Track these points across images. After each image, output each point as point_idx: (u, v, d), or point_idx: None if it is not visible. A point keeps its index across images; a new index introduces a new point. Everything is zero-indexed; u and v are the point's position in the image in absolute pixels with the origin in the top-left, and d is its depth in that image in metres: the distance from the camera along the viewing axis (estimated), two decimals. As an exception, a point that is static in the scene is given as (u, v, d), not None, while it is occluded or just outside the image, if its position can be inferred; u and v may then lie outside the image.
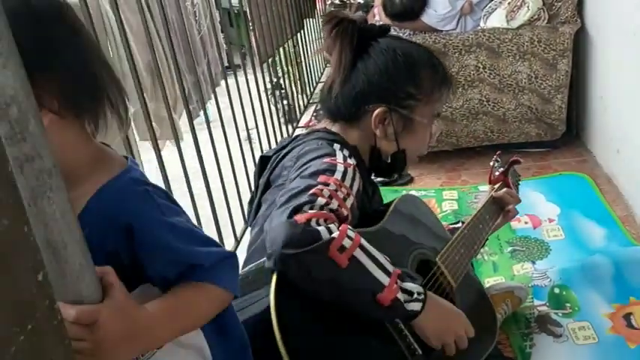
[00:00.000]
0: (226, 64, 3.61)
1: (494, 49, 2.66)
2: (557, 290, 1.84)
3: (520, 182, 1.76)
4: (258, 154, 2.64)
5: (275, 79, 4.17)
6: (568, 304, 1.78)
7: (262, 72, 3.31)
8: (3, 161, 0.43)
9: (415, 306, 1.02)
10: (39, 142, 0.50)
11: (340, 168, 1.11)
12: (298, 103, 3.97)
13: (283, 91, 4.59)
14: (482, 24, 2.80)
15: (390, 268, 1.01)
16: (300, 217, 0.95)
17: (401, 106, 1.25)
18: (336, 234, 0.95)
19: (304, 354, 0.96)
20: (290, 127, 3.66)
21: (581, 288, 1.83)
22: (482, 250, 2.12)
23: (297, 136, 1.34)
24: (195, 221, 1.88)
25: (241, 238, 2.25)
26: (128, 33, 1.91)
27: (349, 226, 1.00)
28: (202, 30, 2.74)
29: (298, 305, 1.00)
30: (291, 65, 4.36)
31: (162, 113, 2.78)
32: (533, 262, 2.03)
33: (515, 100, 2.73)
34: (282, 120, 3.74)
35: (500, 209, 1.57)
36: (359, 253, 0.97)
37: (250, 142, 2.97)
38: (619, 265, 1.86)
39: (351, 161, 1.17)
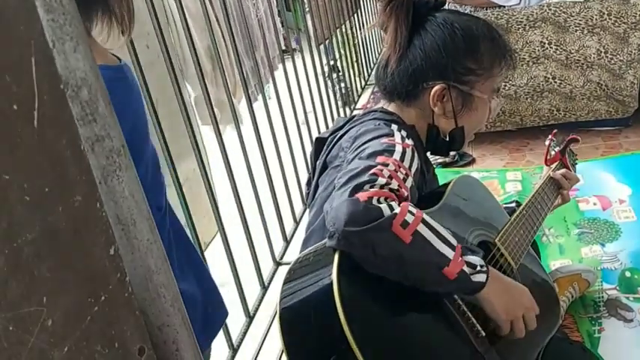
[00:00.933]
0: (284, 47, 3.63)
1: (561, 24, 2.55)
2: (628, 274, 1.77)
3: (577, 162, 1.70)
4: (315, 137, 2.67)
5: (332, 62, 4.16)
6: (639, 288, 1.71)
7: (319, 55, 3.31)
8: (76, 141, 0.44)
9: (480, 277, 1.00)
10: (108, 122, 0.52)
11: (399, 148, 1.09)
12: (355, 85, 3.94)
13: (340, 73, 4.57)
14: (547, -2, 2.69)
15: (453, 241, 0.99)
16: (361, 195, 0.95)
17: (460, 82, 1.21)
18: (397, 210, 0.94)
19: (367, 333, 0.96)
20: (347, 110, 3.65)
21: (654, 272, 1.75)
22: (548, 232, 2.07)
23: (354, 116, 1.33)
24: (255, 203, 1.95)
25: (300, 220, 2.29)
26: (188, 18, 1.95)
27: (410, 204, 0.99)
28: (260, 14, 2.75)
29: (361, 285, 0.99)
30: (348, 48, 4.34)
31: (222, 97, 2.83)
32: (603, 245, 1.96)
33: (584, 77, 2.61)
34: (339, 103, 3.74)
35: (558, 189, 1.52)
36: (422, 228, 0.96)
37: (308, 126, 2.99)
38: (696, 248, 1.77)
39: (409, 142, 1.15)
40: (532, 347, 1.22)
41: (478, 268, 1.01)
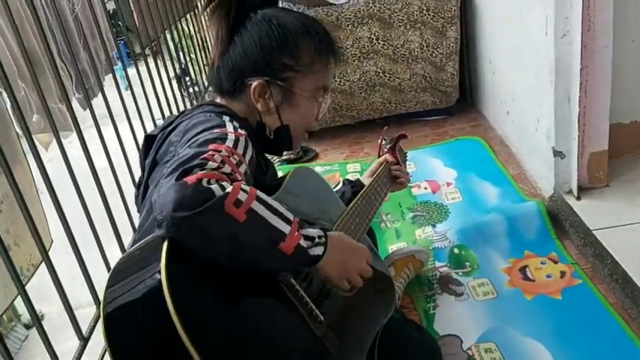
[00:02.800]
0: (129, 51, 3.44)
1: (386, 20, 2.68)
2: (456, 250, 1.89)
3: (407, 158, 1.80)
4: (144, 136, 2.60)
5: (182, 66, 4.03)
6: (467, 263, 1.83)
7: (172, 59, 3.20)
8: None
9: (318, 250, 1.00)
10: None
11: (231, 137, 1.06)
12: (207, 88, 3.86)
13: (192, 76, 4.43)
14: (372, -5, 2.81)
15: (289, 216, 0.97)
16: (190, 178, 0.89)
17: (278, 78, 1.21)
18: (229, 189, 0.89)
19: (203, 328, 0.90)
20: None
21: (479, 246, 1.89)
22: (385, 218, 2.16)
23: (184, 111, 1.28)
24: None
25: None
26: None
27: (243, 182, 0.95)
28: (76, 9, 2.55)
29: (194, 277, 0.92)
30: (197, 51, 4.24)
31: (49, 104, 2.60)
32: (434, 226, 2.07)
33: (410, 70, 2.77)
34: (194, 104, 3.63)
35: (390, 181, 1.61)
36: (256, 205, 0.92)
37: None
38: (512, 221, 1.94)
39: (242, 131, 1.12)
40: (370, 329, 1.24)
41: (316, 240, 1.00)
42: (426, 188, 2.33)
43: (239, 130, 1.11)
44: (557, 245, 1.84)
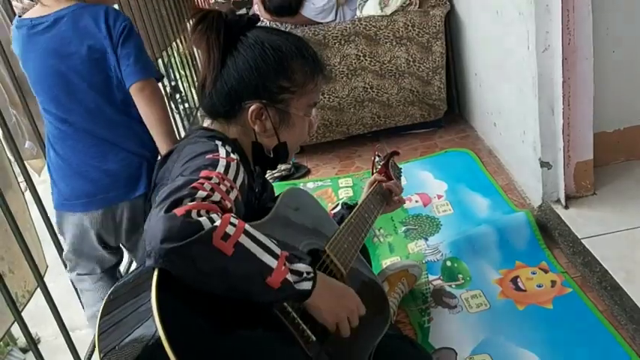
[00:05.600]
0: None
1: (372, 37, 2.72)
2: (449, 263, 1.92)
3: (401, 173, 1.83)
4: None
5: (173, 83, 4.07)
6: (460, 275, 1.86)
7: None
8: None
9: (306, 285, 1.02)
10: None
11: (222, 162, 1.08)
12: (198, 107, 3.92)
13: (182, 94, 4.47)
14: (358, 13, 2.86)
15: (277, 250, 0.99)
16: (179, 210, 0.91)
17: (275, 100, 1.23)
18: (218, 222, 0.91)
19: (193, 354, 0.92)
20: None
21: (471, 258, 1.92)
22: (378, 232, 2.18)
23: (182, 139, 1.31)
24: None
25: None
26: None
27: (232, 214, 0.98)
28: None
29: (184, 305, 0.94)
30: (187, 68, 4.27)
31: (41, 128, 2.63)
32: (426, 239, 2.10)
33: (397, 85, 2.81)
34: (185, 123, 3.68)
35: (384, 199, 1.62)
36: (244, 239, 0.94)
37: None
38: (503, 232, 1.97)
39: (234, 156, 1.14)
40: (363, 348, 1.26)
41: (304, 275, 1.02)
42: (417, 201, 2.36)
43: (231, 155, 1.13)
44: (547, 255, 1.87)
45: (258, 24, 1.31)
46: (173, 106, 3.87)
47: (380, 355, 1.27)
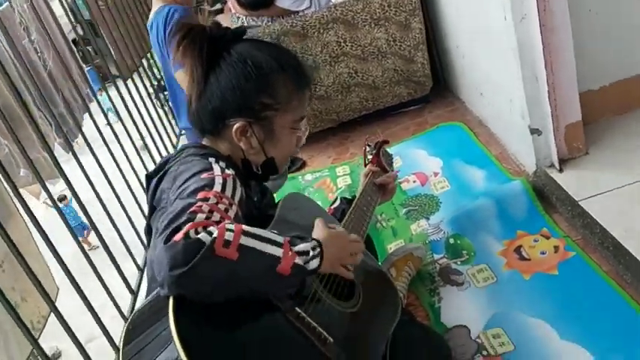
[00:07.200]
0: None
1: (350, 22, 2.72)
2: (452, 240, 1.94)
3: (392, 161, 1.85)
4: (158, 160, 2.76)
5: (156, 82, 4.05)
6: (464, 251, 1.89)
7: (142, 78, 3.29)
8: None
9: (314, 263, 1.05)
10: None
11: (219, 180, 1.09)
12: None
13: (167, 92, 4.44)
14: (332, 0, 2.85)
15: (278, 239, 1.02)
16: (177, 236, 0.94)
17: (259, 117, 1.23)
18: (216, 233, 0.94)
19: None
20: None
21: (473, 233, 1.94)
22: (380, 218, 2.21)
23: (171, 155, 1.31)
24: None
25: (144, 266, 2.21)
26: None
27: (227, 221, 0.99)
28: (48, 65, 2.59)
29: (202, 325, 0.97)
30: None
31: (34, 155, 2.65)
32: (427, 218, 2.13)
33: (381, 66, 2.81)
34: (173, 122, 3.69)
35: (379, 189, 1.65)
36: (245, 240, 0.97)
37: (148, 150, 2.96)
38: (501, 202, 1.99)
39: (229, 171, 1.15)
40: (379, 339, 1.29)
41: (311, 253, 1.06)
42: (414, 181, 2.38)
43: (226, 171, 1.14)
44: (547, 220, 1.90)
45: (236, 27, 1.30)
46: (159, 103, 3.87)
47: (395, 345, 1.30)
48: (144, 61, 3.85)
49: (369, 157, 1.77)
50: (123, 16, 3.65)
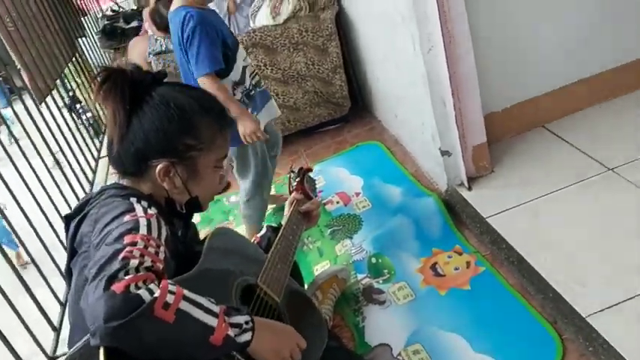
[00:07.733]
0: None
1: (269, 46, 2.78)
2: (373, 260, 2.04)
3: (316, 187, 1.92)
4: (72, 178, 2.68)
5: (71, 94, 3.93)
6: (385, 270, 1.99)
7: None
8: None
9: (246, 336, 1.09)
10: None
11: (143, 222, 1.10)
12: (102, 112, 3.86)
13: (83, 104, 4.29)
14: (251, 23, 2.90)
15: (215, 309, 1.05)
16: (117, 287, 0.94)
17: (183, 158, 1.25)
18: (157, 293, 0.96)
19: None
20: (98, 141, 3.63)
21: (393, 251, 2.05)
22: (307, 240, 2.28)
23: (91, 196, 1.30)
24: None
25: (66, 301, 2.16)
26: None
27: (169, 281, 1.02)
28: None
29: None
30: (84, 74, 4.11)
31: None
32: (351, 238, 2.22)
33: (301, 89, 2.89)
34: (91, 133, 3.60)
35: (304, 216, 1.71)
36: (184, 305, 0.99)
37: (60, 167, 2.87)
38: (418, 222, 2.12)
39: (152, 211, 1.16)
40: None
41: (244, 326, 1.08)
42: (338, 202, 2.47)
43: (149, 211, 1.15)
44: (459, 237, 2.04)
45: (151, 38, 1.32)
46: (75, 117, 3.75)
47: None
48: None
49: (294, 184, 1.83)
50: (33, 36, 3.52)
